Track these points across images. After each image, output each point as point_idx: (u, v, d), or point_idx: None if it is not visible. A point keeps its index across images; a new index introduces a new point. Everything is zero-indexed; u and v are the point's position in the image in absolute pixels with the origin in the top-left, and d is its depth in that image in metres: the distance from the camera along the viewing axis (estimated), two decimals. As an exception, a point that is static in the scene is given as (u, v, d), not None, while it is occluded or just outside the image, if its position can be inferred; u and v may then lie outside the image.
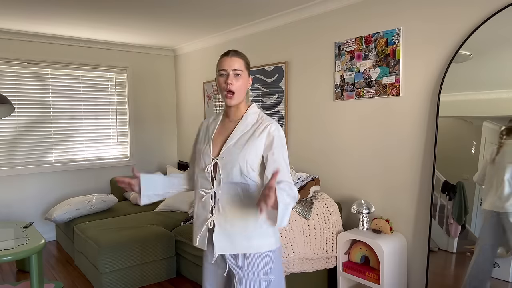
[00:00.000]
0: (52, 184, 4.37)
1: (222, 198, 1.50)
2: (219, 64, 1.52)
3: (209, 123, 1.67)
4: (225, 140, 1.55)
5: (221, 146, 1.55)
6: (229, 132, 1.57)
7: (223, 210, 1.50)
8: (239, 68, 1.50)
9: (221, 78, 1.51)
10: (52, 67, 4.31)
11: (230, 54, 1.52)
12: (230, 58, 1.51)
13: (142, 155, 5.02)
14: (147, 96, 5.04)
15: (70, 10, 3.29)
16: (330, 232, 2.75)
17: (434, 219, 2.46)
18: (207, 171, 1.53)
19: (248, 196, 1.50)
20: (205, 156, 1.55)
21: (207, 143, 1.58)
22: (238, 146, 1.51)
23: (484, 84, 2.22)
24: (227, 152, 1.51)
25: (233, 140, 1.52)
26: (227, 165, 1.49)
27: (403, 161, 2.66)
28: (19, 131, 4.16)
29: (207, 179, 1.53)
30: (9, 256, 2.46)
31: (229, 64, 1.49)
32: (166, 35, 4.33)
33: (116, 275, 3.01)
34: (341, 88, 3.03)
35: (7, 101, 2.99)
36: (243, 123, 1.55)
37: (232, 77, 1.49)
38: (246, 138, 1.52)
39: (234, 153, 1.50)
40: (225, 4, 3.19)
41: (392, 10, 2.67)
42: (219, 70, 1.51)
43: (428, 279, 2.46)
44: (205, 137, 1.62)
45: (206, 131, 1.64)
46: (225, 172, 1.49)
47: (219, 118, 1.64)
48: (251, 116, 1.57)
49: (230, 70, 1.49)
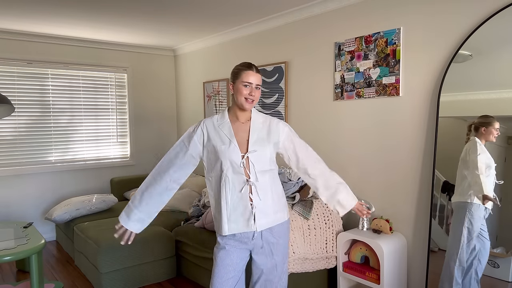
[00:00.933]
0: (52, 184, 4.37)
1: (258, 185, 1.77)
2: (244, 76, 1.76)
3: (217, 125, 1.82)
4: (246, 138, 1.80)
5: (245, 143, 1.79)
6: (246, 131, 1.82)
7: (261, 195, 1.78)
8: (260, 83, 1.81)
9: (245, 89, 1.76)
10: (52, 67, 4.31)
11: (254, 69, 1.79)
12: (255, 74, 1.78)
13: (142, 155, 5.02)
14: (147, 96, 5.04)
15: (70, 10, 3.29)
16: (330, 232, 2.75)
17: (434, 219, 2.46)
18: (241, 166, 1.75)
19: (272, 178, 1.84)
20: (232, 154, 1.75)
21: (230, 142, 1.77)
22: (261, 140, 1.81)
23: (484, 84, 2.22)
24: (256, 146, 1.79)
25: (255, 137, 1.80)
26: (259, 158, 1.78)
27: (403, 161, 2.66)
28: (19, 131, 4.16)
29: (240, 173, 1.75)
30: (9, 256, 2.46)
31: (254, 79, 1.78)
32: (166, 35, 4.33)
33: (116, 275, 3.01)
34: (341, 88, 3.03)
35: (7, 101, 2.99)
36: (256, 123, 1.84)
37: (255, 90, 1.78)
38: (265, 134, 1.83)
39: (262, 147, 1.80)
40: (225, 4, 3.19)
41: (392, 10, 2.67)
42: (244, 81, 1.76)
43: (428, 279, 2.46)
44: (221, 138, 1.79)
45: (218, 132, 1.80)
46: (258, 164, 1.78)
47: (226, 120, 1.83)
48: (258, 116, 1.88)
49: (254, 84, 1.77)
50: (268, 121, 1.88)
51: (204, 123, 1.84)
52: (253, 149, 1.78)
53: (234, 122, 1.84)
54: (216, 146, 1.77)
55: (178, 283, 3.22)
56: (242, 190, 1.75)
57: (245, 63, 1.80)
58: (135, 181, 4.69)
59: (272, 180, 1.84)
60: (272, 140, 1.84)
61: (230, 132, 1.79)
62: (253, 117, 1.86)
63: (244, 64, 1.80)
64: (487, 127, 2.20)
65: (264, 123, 1.87)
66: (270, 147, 1.82)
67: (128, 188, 4.64)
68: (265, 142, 1.81)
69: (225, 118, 1.84)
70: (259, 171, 1.78)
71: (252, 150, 1.77)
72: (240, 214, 1.77)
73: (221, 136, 1.79)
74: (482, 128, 2.22)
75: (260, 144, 1.80)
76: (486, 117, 2.20)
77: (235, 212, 1.77)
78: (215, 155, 1.78)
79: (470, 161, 2.24)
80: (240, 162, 1.75)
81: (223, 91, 4.39)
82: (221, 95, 4.42)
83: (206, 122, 1.84)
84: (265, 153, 1.80)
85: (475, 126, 2.25)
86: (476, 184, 2.21)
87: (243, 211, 1.77)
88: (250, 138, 1.79)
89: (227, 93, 4.34)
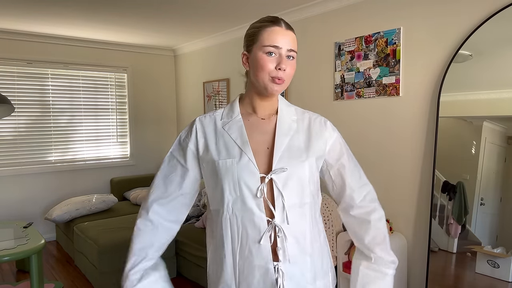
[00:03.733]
0: (52, 184, 4.37)
1: (290, 232, 1.03)
2: (266, 36, 1.03)
3: (221, 125, 1.11)
4: (268, 145, 1.08)
5: (267, 154, 1.07)
6: (268, 133, 1.10)
7: (293, 250, 1.03)
8: (294, 48, 1.05)
9: (269, 59, 1.02)
10: (52, 67, 4.31)
11: (282, 23, 1.04)
12: (285, 31, 1.04)
13: (142, 155, 5.02)
14: (147, 96, 5.04)
15: (70, 10, 3.29)
16: (330, 232, 2.75)
17: (434, 219, 2.45)
18: (258, 196, 1.01)
19: (313, 217, 1.10)
20: (243, 174, 1.02)
21: (241, 154, 1.04)
22: (296, 151, 1.07)
23: (484, 84, 2.22)
24: (286, 161, 1.04)
25: (285, 143, 1.07)
26: (292, 181, 1.04)
27: (403, 161, 2.66)
28: (19, 131, 4.16)
29: (258, 209, 1.01)
30: (9, 256, 2.46)
31: (285, 40, 1.02)
32: (166, 35, 4.33)
33: (116, 275, 3.01)
34: (341, 88, 3.03)
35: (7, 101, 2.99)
36: (286, 119, 1.12)
37: (286, 61, 1.03)
38: (302, 139, 1.11)
39: (296, 161, 1.06)
40: (225, 4, 3.19)
41: (392, 10, 2.67)
42: (267, 45, 1.02)
43: (428, 279, 2.46)
44: (226, 145, 1.07)
45: (221, 137, 1.09)
46: (290, 192, 1.03)
47: (236, 115, 1.12)
48: (289, 109, 1.16)
49: (284, 49, 1.03)
50: (307, 118, 1.16)
51: (199, 122, 1.12)
52: (281, 166, 1.04)
53: (248, 117, 1.12)
54: (216, 161, 1.05)
55: (178, 283, 3.22)
56: (262, 241, 1.01)
57: (268, 17, 1.07)
58: (135, 181, 4.69)
59: (313, 221, 1.10)
60: (314, 151, 1.10)
61: (241, 135, 1.07)
62: (281, 109, 1.14)
63: (266, 19, 1.06)
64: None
65: (301, 120, 1.14)
66: (310, 162, 1.08)
67: (128, 188, 4.64)
68: (302, 154, 1.08)
69: (235, 111, 1.12)
70: (291, 206, 1.04)
71: (279, 168, 1.03)
72: (255, 284, 1.03)
73: (226, 143, 1.07)
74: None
75: (293, 157, 1.06)
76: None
77: (245, 281, 1.03)
78: (214, 177, 1.06)
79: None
80: (257, 189, 1.02)
81: (223, 91, 4.39)
82: (221, 95, 4.42)
83: (202, 120, 1.13)
84: (302, 173, 1.06)
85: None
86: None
87: (260, 279, 1.02)
88: (276, 146, 1.06)
89: (227, 92, 4.33)
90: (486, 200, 2.24)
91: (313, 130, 1.13)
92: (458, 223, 2.34)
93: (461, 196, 2.34)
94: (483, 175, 2.25)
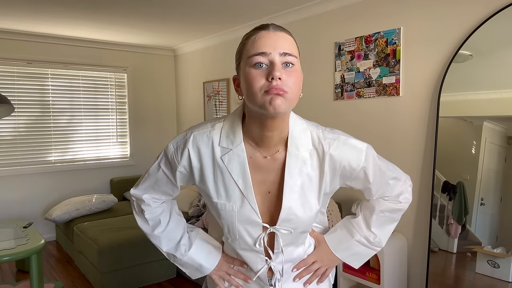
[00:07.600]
0: (52, 184, 4.37)
1: (287, 265, 1.03)
2: (251, 44, 0.82)
3: (219, 154, 0.92)
4: (273, 188, 0.94)
5: (272, 200, 0.95)
6: (273, 173, 0.93)
7: (288, 277, 1.05)
8: (290, 51, 0.82)
9: (257, 71, 0.80)
10: (52, 67, 4.31)
11: (270, 27, 0.83)
12: (273, 33, 0.82)
13: (142, 155, 5.02)
14: (147, 96, 5.04)
15: (70, 10, 3.29)
16: (330, 232, 2.74)
17: (434, 219, 2.45)
18: (258, 245, 0.96)
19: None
20: (244, 222, 0.93)
21: (243, 200, 0.92)
22: (306, 203, 0.93)
23: (484, 84, 2.22)
24: (292, 212, 0.92)
25: (296, 191, 0.92)
26: (295, 233, 0.97)
27: (403, 161, 2.66)
28: (19, 131, 4.16)
29: (258, 251, 0.98)
30: (9, 256, 2.46)
31: (274, 43, 0.81)
32: (166, 35, 4.33)
33: (116, 275, 3.01)
34: (341, 88, 3.03)
35: (7, 101, 2.99)
36: (295, 152, 0.91)
37: (280, 68, 0.79)
38: (314, 180, 0.93)
39: (305, 215, 0.94)
40: (225, 4, 3.19)
41: (392, 10, 2.66)
42: (252, 55, 0.81)
43: (428, 279, 2.46)
44: (224, 184, 0.93)
45: (219, 171, 0.92)
46: (289, 239, 0.98)
47: (237, 144, 0.91)
48: (299, 136, 0.92)
49: (276, 54, 0.80)
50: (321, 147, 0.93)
51: (193, 144, 0.92)
52: (286, 225, 0.94)
53: (250, 152, 0.92)
54: (214, 202, 0.94)
55: (178, 283, 3.22)
56: (260, 272, 1.01)
57: (255, 27, 0.87)
58: (135, 181, 4.68)
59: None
60: (327, 192, 0.97)
61: (244, 175, 0.91)
62: (292, 138, 0.92)
63: (252, 29, 0.87)
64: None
65: (312, 151, 0.93)
66: (320, 207, 0.98)
67: (128, 188, 4.64)
68: (313, 206, 0.95)
69: (236, 137, 0.91)
70: (289, 244, 1.00)
71: (284, 219, 0.93)
72: None
73: (225, 183, 0.93)
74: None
75: (302, 211, 0.93)
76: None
77: None
78: (213, 207, 0.98)
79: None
80: (257, 238, 0.95)
81: (223, 91, 4.39)
82: (221, 95, 4.42)
83: (197, 140, 0.92)
84: (309, 225, 0.98)
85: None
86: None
87: None
88: (286, 193, 0.91)
89: (227, 92, 4.33)
90: (486, 200, 2.24)
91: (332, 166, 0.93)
92: (458, 223, 2.34)
93: (461, 196, 2.34)
94: (483, 175, 2.25)
